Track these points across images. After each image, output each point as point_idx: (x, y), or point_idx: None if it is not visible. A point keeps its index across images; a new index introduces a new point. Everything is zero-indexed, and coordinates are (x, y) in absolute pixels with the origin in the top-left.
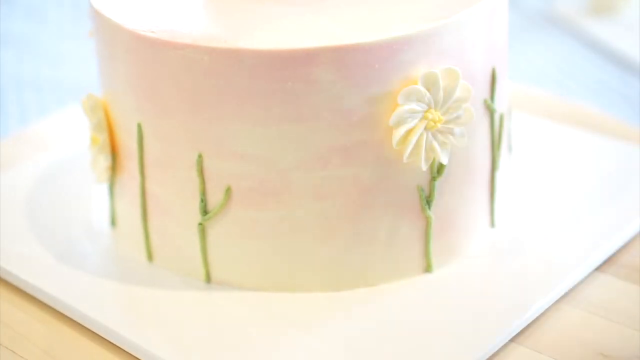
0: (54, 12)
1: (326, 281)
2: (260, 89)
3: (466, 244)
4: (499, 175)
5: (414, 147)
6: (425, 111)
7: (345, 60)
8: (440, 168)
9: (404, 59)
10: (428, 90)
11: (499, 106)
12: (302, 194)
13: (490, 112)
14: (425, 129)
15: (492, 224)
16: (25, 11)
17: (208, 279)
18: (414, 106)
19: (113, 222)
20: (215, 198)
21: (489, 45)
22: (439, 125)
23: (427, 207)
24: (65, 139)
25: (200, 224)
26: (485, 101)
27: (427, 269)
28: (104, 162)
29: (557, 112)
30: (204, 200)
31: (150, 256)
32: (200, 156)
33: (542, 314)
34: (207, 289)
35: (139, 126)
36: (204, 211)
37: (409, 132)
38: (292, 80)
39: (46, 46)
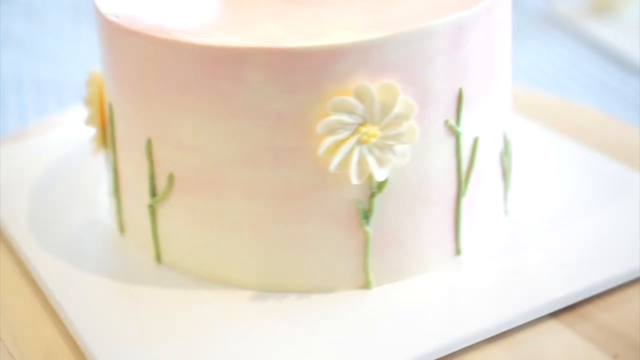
0: (54, 12)
1: (258, 279)
2: (196, 82)
3: (419, 265)
4: (466, 201)
5: (343, 159)
6: (360, 124)
7: (275, 64)
8: (381, 184)
9: (337, 69)
10: (362, 103)
11: (470, 129)
12: (234, 190)
13: (455, 134)
14: (359, 142)
15: (458, 251)
16: (25, 11)
17: (158, 259)
18: (344, 117)
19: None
20: (163, 182)
21: (454, 65)
22: (373, 140)
23: (364, 221)
24: (65, 138)
25: (150, 205)
26: (446, 122)
27: (366, 285)
28: (92, 132)
29: (557, 113)
30: (152, 184)
31: (122, 229)
32: (149, 141)
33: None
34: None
35: (110, 106)
36: (153, 194)
37: (338, 143)
38: (223, 77)
39: (46, 46)
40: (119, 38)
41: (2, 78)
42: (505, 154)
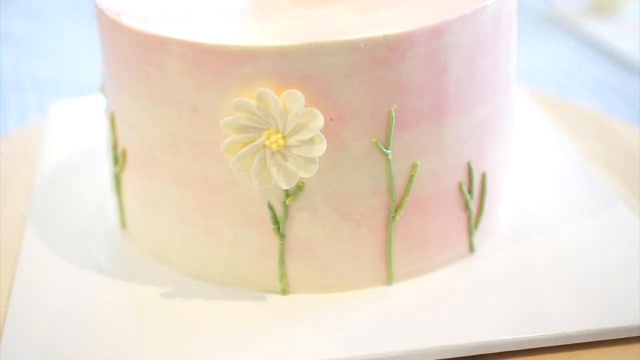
0: (54, 12)
1: (184, 263)
2: (136, 65)
3: (341, 283)
4: (399, 227)
5: (244, 160)
6: (266, 129)
7: (190, 56)
8: (293, 192)
9: (243, 71)
10: (265, 107)
11: (405, 153)
12: (163, 174)
13: (384, 156)
14: (263, 146)
15: (390, 277)
16: (25, 11)
17: (124, 225)
18: (245, 120)
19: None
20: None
21: (382, 84)
22: (276, 146)
23: (276, 227)
24: (65, 138)
25: (115, 174)
26: (372, 141)
27: (283, 290)
28: None
29: (557, 112)
30: (115, 154)
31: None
32: (112, 114)
33: None
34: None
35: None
36: (115, 163)
37: (243, 143)
38: (151, 63)
39: (46, 46)
40: (98, 17)
41: (2, 77)
42: (470, 188)
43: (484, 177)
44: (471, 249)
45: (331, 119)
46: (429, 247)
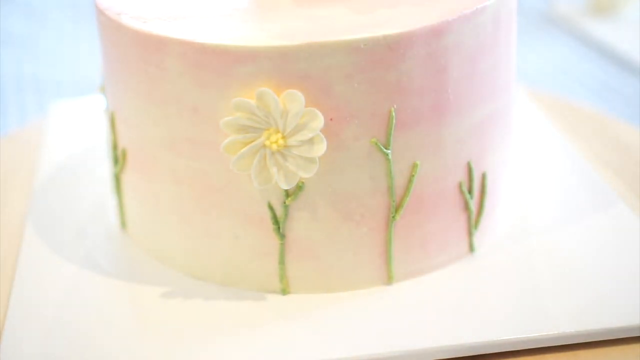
0: (54, 12)
1: (184, 263)
2: (136, 65)
3: (343, 283)
4: (399, 227)
5: (244, 160)
6: (266, 129)
7: (191, 56)
8: (293, 192)
9: (244, 70)
10: (265, 107)
11: (405, 153)
12: (163, 174)
13: (384, 155)
14: (264, 146)
15: (390, 278)
16: (25, 11)
17: (124, 225)
18: (245, 120)
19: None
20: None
21: (382, 84)
22: (275, 146)
23: (276, 226)
24: (65, 138)
25: (115, 174)
26: (372, 141)
27: (283, 290)
28: None
29: (557, 112)
30: (115, 154)
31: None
32: (112, 114)
33: None
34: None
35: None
36: (115, 163)
37: (240, 143)
38: (150, 63)
39: (46, 46)
40: (98, 17)
41: (2, 78)
42: (470, 188)
43: (483, 177)
44: (471, 249)
45: (331, 119)
46: (429, 247)
